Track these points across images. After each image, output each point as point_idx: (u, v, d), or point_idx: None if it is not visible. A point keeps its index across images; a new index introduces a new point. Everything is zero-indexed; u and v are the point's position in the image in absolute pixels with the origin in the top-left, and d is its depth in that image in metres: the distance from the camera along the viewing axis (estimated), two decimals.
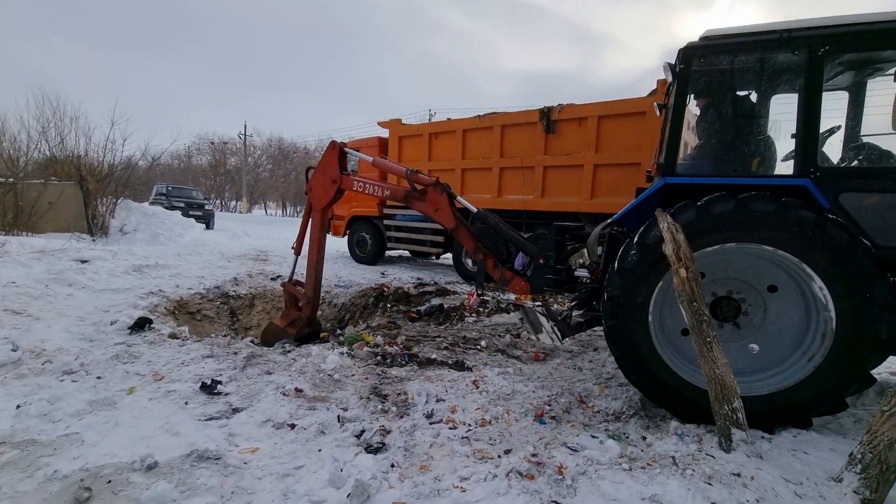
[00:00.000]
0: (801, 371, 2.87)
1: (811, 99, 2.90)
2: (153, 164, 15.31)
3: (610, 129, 7.16)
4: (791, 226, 2.72)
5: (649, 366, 3.07)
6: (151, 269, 7.21)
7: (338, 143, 4.93)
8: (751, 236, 2.82)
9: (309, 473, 2.40)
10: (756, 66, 3.32)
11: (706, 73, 3.32)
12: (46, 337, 4.17)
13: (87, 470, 2.29)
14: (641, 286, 3.04)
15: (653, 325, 3.07)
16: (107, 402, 3.04)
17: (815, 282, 2.76)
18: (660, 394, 3.11)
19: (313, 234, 5.03)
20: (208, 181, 45.77)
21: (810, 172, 2.89)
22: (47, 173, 10.87)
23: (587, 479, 2.29)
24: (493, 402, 3.38)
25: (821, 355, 2.78)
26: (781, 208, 2.74)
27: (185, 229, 11.96)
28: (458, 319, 6.13)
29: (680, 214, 2.92)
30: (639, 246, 3.04)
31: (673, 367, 3.08)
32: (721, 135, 3.50)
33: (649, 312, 3.05)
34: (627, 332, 3.09)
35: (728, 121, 3.45)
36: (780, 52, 3.05)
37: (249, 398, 3.28)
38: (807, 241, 2.70)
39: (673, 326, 3.28)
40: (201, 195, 21.90)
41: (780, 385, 2.90)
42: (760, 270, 3.08)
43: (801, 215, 2.71)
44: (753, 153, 3.36)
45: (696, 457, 2.37)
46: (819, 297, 2.77)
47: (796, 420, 2.92)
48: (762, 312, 3.13)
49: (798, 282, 2.92)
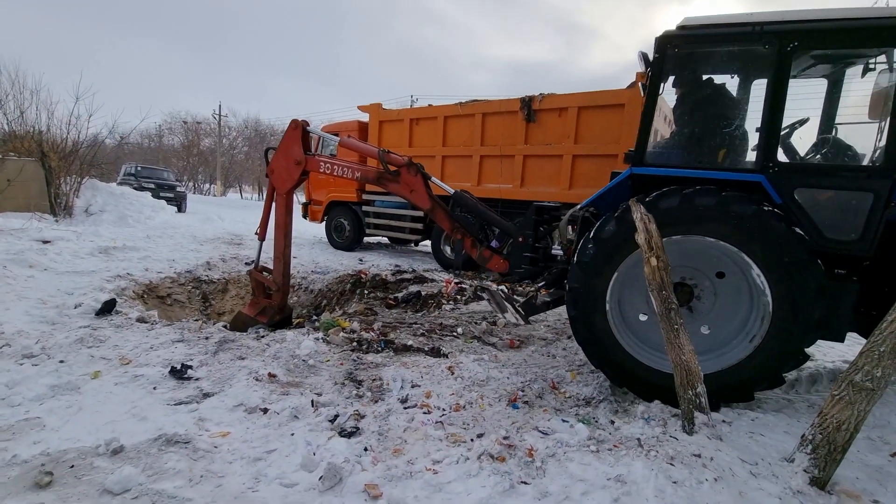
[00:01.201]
0: (743, 351, 3.06)
1: (777, 94, 2.97)
2: (121, 142, 14.71)
3: (589, 121, 7.22)
4: (730, 219, 2.89)
5: (608, 350, 3.31)
6: (119, 251, 6.97)
7: (299, 121, 4.66)
8: (695, 229, 3.01)
9: (281, 457, 2.39)
10: (728, 57, 3.39)
11: (679, 63, 3.36)
12: (4, 320, 4.00)
13: (48, 455, 2.22)
14: (599, 278, 3.25)
15: (610, 314, 3.28)
16: (70, 387, 2.94)
17: (754, 269, 2.94)
18: (619, 375, 3.35)
19: (278, 218, 4.82)
20: (180, 162, 44.25)
21: (768, 168, 2.99)
22: (5, 148, 10.31)
23: (556, 461, 2.35)
24: (468, 387, 3.42)
25: (760, 336, 2.98)
26: (722, 202, 2.91)
27: (155, 211, 11.57)
28: (436, 307, 6.15)
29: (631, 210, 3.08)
30: (595, 240, 3.24)
31: (630, 350, 3.28)
32: (690, 126, 3.59)
33: (606, 301, 3.26)
34: (588, 320, 3.32)
35: (698, 112, 3.52)
36: (751, 45, 3.10)
37: (221, 383, 3.23)
38: (745, 233, 2.88)
39: (631, 313, 3.46)
40: (173, 176, 21.15)
41: (725, 364, 3.09)
42: (709, 258, 3.24)
43: (740, 209, 2.87)
44: (720, 146, 3.43)
45: (660, 439, 2.46)
46: (758, 283, 2.96)
47: (740, 395, 3.12)
48: (713, 297, 3.31)
49: (741, 268, 3.09)
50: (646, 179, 3.28)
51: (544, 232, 4.23)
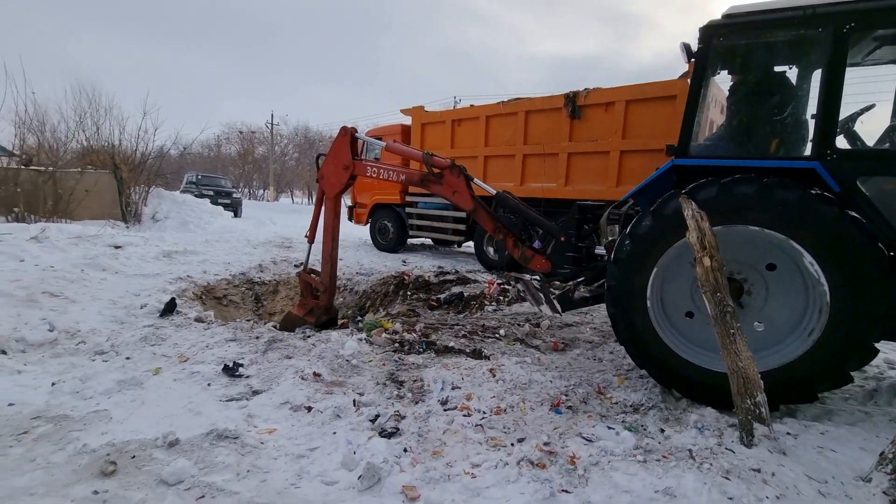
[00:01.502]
0: (801, 346, 2.85)
1: (833, 78, 2.81)
2: (183, 152, 15.74)
3: (638, 114, 6.93)
4: (774, 206, 2.76)
5: (652, 350, 3.19)
6: (180, 255, 7.44)
7: (349, 128, 4.87)
8: (736, 219, 2.88)
9: (323, 455, 2.44)
10: (780, 44, 3.22)
11: (726, 53, 3.26)
12: (81, 319, 4.37)
13: (113, 445, 2.39)
14: (637, 275, 3.15)
15: (652, 311, 3.17)
16: (134, 382, 3.16)
17: (805, 257, 2.76)
18: (666, 376, 3.22)
19: (327, 221, 5.02)
20: (237, 169, 46.83)
21: (826, 155, 2.82)
22: (84, 162, 11.32)
23: (599, 470, 2.25)
24: (510, 390, 3.36)
25: (819, 329, 2.77)
26: (763, 189, 2.78)
27: (214, 217, 12.29)
28: (478, 308, 6.12)
29: (667, 203, 3.03)
30: (631, 236, 3.15)
31: (675, 349, 3.15)
32: (739, 116, 3.44)
33: (647, 298, 3.15)
34: (629, 319, 3.23)
35: (747, 102, 3.38)
36: (803, 29, 2.96)
37: (269, 381, 3.36)
38: (791, 219, 2.74)
39: (674, 311, 3.32)
40: (229, 183, 22.41)
41: (781, 361, 2.89)
42: (758, 250, 3.06)
43: (784, 195, 2.74)
44: (773, 135, 3.27)
45: (714, 451, 2.30)
46: (811, 272, 2.76)
47: (801, 394, 2.89)
48: (764, 291, 3.11)
49: (793, 258, 2.90)
50: (690, 172, 3.16)
51: (588, 231, 4.13)
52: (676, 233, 2.90)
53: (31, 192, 9.75)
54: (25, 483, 2.07)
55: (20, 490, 2.02)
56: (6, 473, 2.14)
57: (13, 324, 4.03)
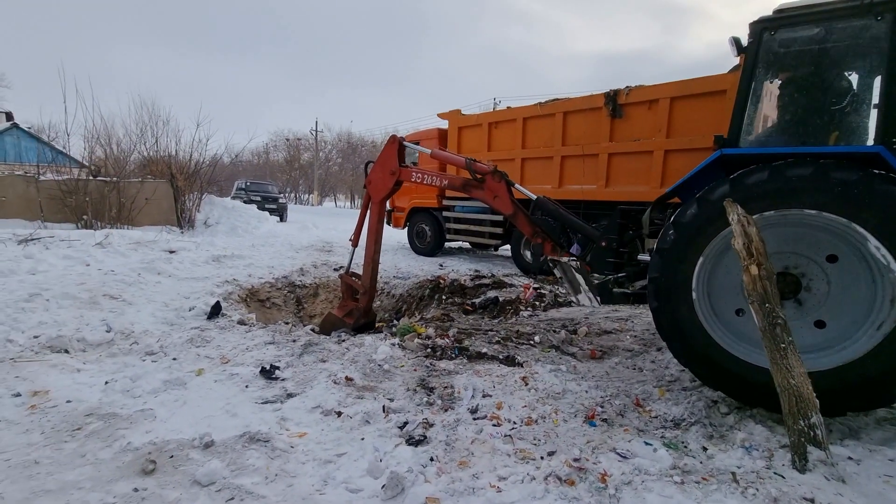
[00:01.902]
0: (869, 342, 2.64)
1: (894, 65, 2.74)
2: (234, 160, 16.54)
3: (684, 111, 6.60)
4: (832, 186, 2.63)
5: (696, 346, 3.08)
6: (228, 259, 7.80)
7: (397, 137, 5.08)
8: (790, 203, 2.76)
9: (350, 461, 2.46)
10: (834, 36, 3.11)
11: (777, 48, 3.21)
12: (136, 320, 4.66)
13: (154, 444, 2.52)
14: (681, 265, 3.07)
15: (698, 304, 3.07)
16: (178, 382, 3.32)
17: (870, 242, 2.56)
18: (711, 375, 3.10)
19: (371, 225, 5.17)
20: (284, 175, 48.84)
21: (892, 143, 2.72)
22: (144, 172, 12.14)
23: (632, 490, 2.14)
24: (542, 400, 3.27)
25: (891, 322, 2.56)
26: (819, 170, 2.68)
27: (261, 222, 12.82)
28: (513, 313, 6.02)
29: (714, 190, 2.96)
30: (675, 225, 3.10)
31: (724, 345, 3.02)
32: (792, 108, 3.34)
33: (692, 290, 3.06)
34: (672, 313, 3.14)
35: (801, 94, 3.28)
36: (860, 20, 2.91)
37: (303, 384, 3.43)
38: (852, 200, 2.59)
39: (717, 291, 3.17)
40: (276, 189, 23.35)
41: (845, 359, 2.68)
42: (816, 240, 2.88)
43: (842, 176, 2.62)
44: (828, 125, 3.16)
45: (761, 474, 2.12)
46: (878, 257, 2.56)
47: (870, 397, 2.65)
48: (825, 285, 2.90)
49: (856, 246, 2.70)
50: (740, 163, 3.09)
51: (631, 236, 3.99)
52: (724, 220, 2.78)
53: (98, 200, 10.57)
54: (75, 477, 2.21)
55: (70, 484, 2.16)
56: (60, 467, 2.30)
57: (76, 324, 4.35)
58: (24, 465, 2.29)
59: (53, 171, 11.39)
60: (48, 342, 3.89)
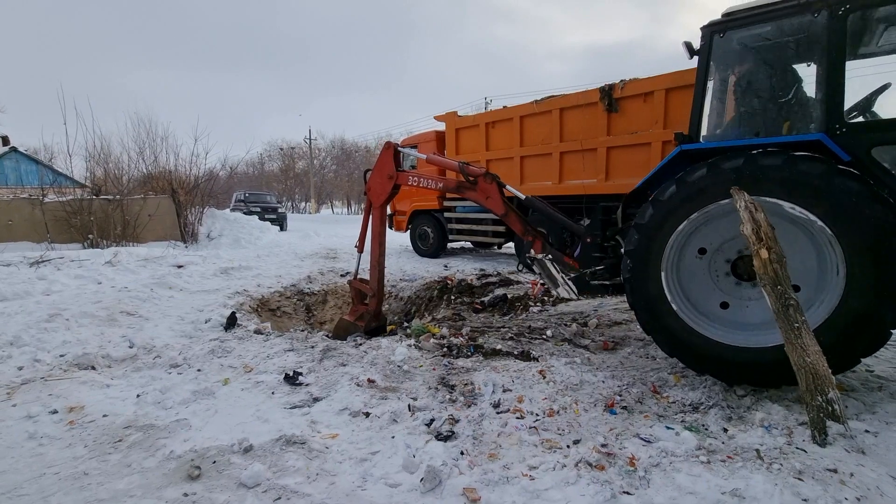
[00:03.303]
0: (839, 285, 2.81)
1: (834, 58, 2.96)
2: (232, 173, 16.60)
3: (680, 102, 6.68)
4: (762, 172, 2.87)
5: (663, 318, 3.31)
6: (236, 270, 7.87)
7: (392, 143, 5.18)
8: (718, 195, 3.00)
9: (384, 458, 2.54)
10: (777, 34, 3.37)
11: (727, 48, 3.48)
12: (155, 335, 4.73)
13: (195, 451, 2.60)
14: (655, 240, 3.28)
15: (666, 278, 3.28)
16: (207, 392, 3.40)
17: (784, 205, 2.85)
18: (672, 345, 3.34)
19: (374, 229, 5.27)
20: (280, 185, 48.87)
21: (835, 129, 2.94)
22: (146, 189, 12.20)
23: (661, 472, 2.22)
24: (561, 392, 3.36)
25: (842, 261, 2.75)
26: (749, 160, 2.91)
27: (263, 232, 12.90)
28: (523, 309, 6.11)
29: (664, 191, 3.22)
30: (653, 203, 3.29)
31: (704, 332, 3.21)
32: (744, 103, 3.58)
33: (664, 286, 3.28)
34: (643, 285, 3.35)
35: (751, 90, 3.54)
36: (799, 18, 3.13)
37: (327, 388, 3.51)
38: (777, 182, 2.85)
39: (696, 295, 3.41)
40: (275, 199, 23.40)
41: (830, 307, 2.83)
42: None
43: (769, 162, 2.87)
44: (778, 117, 3.40)
45: (784, 450, 2.22)
46: (798, 215, 2.85)
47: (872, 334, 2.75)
48: None
49: (788, 217, 2.94)
50: (700, 156, 3.34)
51: (613, 231, 4.12)
52: (700, 199, 3.08)
53: (102, 219, 10.63)
54: (125, 486, 2.29)
55: (121, 493, 2.24)
56: (108, 477, 2.38)
57: (99, 342, 4.43)
58: (74, 477, 2.37)
59: (56, 192, 11.44)
60: (74, 360, 3.96)
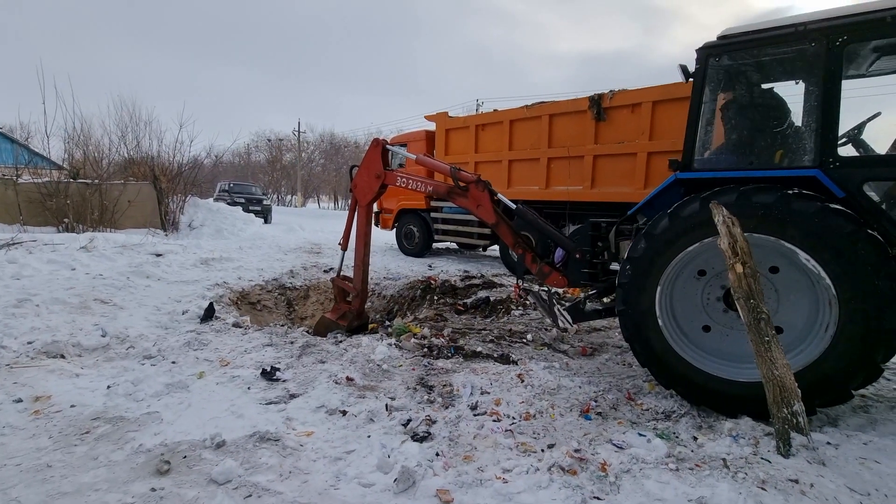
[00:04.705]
0: (821, 343, 2.84)
1: (829, 90, 2.90)
2: (217, 162, 16.31)
3: (666, 115, 6.83)
4: (756, 209, 2.85)
5: (646, 330, 3.29)
6: (216, 262, 7.74)
7: (381, 140, 5.06)
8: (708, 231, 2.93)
9: (359, 458, 2.54)
10: (775, 61, 3.35)
11: (723, 72, 3.41)
12: (129, 324, 4.63)
13: (166, 445, 2.55)
14: (649, 275, 3.24)
15: (661, 293, 3.24)
16: (181, 385, 3.34)
17: (800, 255, 2.79)
18: (647, 358, 3.35)
19: (359, 228, 5.19)
20: (266, 177, 48.20)
21: (829, 163, 2.90)
22: (126, 174, 11.91)
23: (631, 478, 2.27)
24: (538, 395, 3.39)
25: (834, 323, 2.77)
26: (742, 197, 2.88)
27: (246, 224, 12.70)
28: (505, 312, 6.14)
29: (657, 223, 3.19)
30: (646, 236, 3.25)
31: (679, 351, 3.21)
32: (738, 130, 3.55)
33: (656, 300, 3.24)
34: (637, 317, 3.31)
35: (745, 116, 3.51)
36: (798, 45, 3.07)
37: (305, 385, 3.49)
38: (775, 219, 2.81)
39: (682, 313, 3.39)
40: (260, 191, 23.06)
41: (805, 362, 2.86)
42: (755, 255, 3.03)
43: (764, 199, 2.84)
44: (772, 146, 3.37)
45: (749, 460, 2.28)
46: (810, 267, 2.79)
47: (834, 395, 2.83)
48: (774, 294, 3.13)
49: (790, 258, 2.93)
50: (695, 185, 3.32)
51: (602, 248, 4.12)
52: (694, 234, 3.03)
53: (79, 203, 10.33)
54: (90, 479, 2.24)
55: (86, 486, 2.19)
56: (73, 470, 2.32)
57: (70, 329, 4.31)
58: (37, 469, 2.30)
59: (32, 173, 11.09)
60: (43, 348, 3.85)
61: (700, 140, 3.44)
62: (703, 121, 3.41)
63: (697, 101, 3.36)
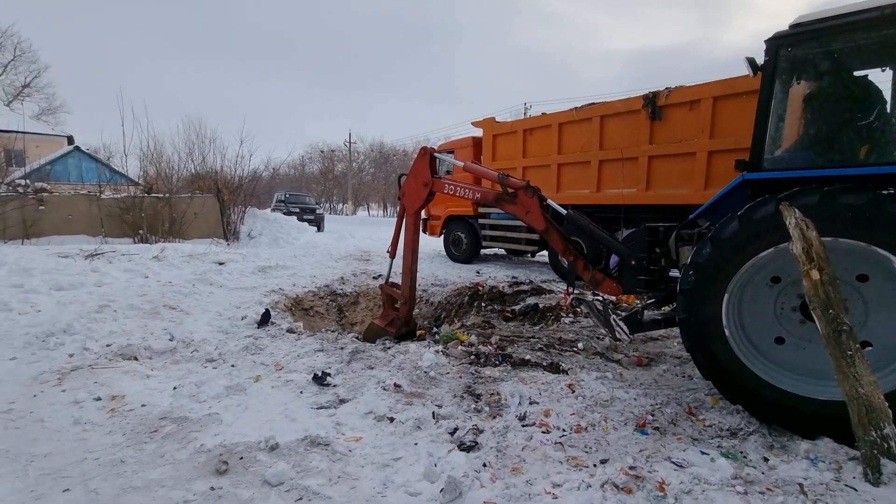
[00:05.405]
0: None
1: None
2: (274, 174, 17.19)
3: (728, 111, 6.42)
4: (843, 211, 2.57)
5: (710, 341, 3.04)
6: (273, 269, 8.11)
7: (428, 148, 5.11)
8: None
9: (406, 465, 2.54)
10: (855, 48, 3.02)
11: (797, 63, 3.14)
12: (194, 329, 4.93)
13: (224, 446, 2.68)
14: (715, 281, 3.02)
15: (728, 300, 3.00)
16: (239, 388, 3.51)
17: (894, 262, 2.50)
18: (712, 370, 3.10)
19: (408, 236, 5.24)
20: (318, 186, 50.26)
21: None
22: (193, 188, 12.81)
23: (692, 499, 2.11)
24: (590, 407, 3.26)
25: None
26: (826, 197, 2.62)
27: (300, 233, 13.26)
28: (554, 320, 5.99)
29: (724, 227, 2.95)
30: (713, 240, 3.02)
31: (748, 363, 2.97)
32: (816, 125, 3.23)
33: (723, 308, 2.99)
34: (700, 327, 3.08)
35: (825, 110, 3.18)
36: (883, 31, 2.79)
37: (354, 390, 3.55)
38: (866, 222, 2.53)
39: (752, 322, 3.11)
40: (313, 200, 24.06)
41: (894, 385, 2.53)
42: (841, 262, 2.75)
43: (852, 200, 2.56)
44: (858, 141, 3.03)
45: (831, 486, 2.06)
46: None
47: None
48: (861, 304, 2.79)
49: (883, 265, 2.60)
50: (765, 186, 3.07)
51: (660, 254, 3.89)
52: (767, 238, 2.77)
53: (152, 216, 11.24)
54: (157, 476, 2.39)
55: (154, 482, 2.34)
56: (143, 466, 2.49)
57: (142, 333, 4.66)
58: (112, 464, 2.49)
59: (112, 189, 12.19)
60: (119, 350, 4.18)
61: (770, 137, 3.16)
62: (774, 116, 3.14)
63: (767, 96, 3.11)
